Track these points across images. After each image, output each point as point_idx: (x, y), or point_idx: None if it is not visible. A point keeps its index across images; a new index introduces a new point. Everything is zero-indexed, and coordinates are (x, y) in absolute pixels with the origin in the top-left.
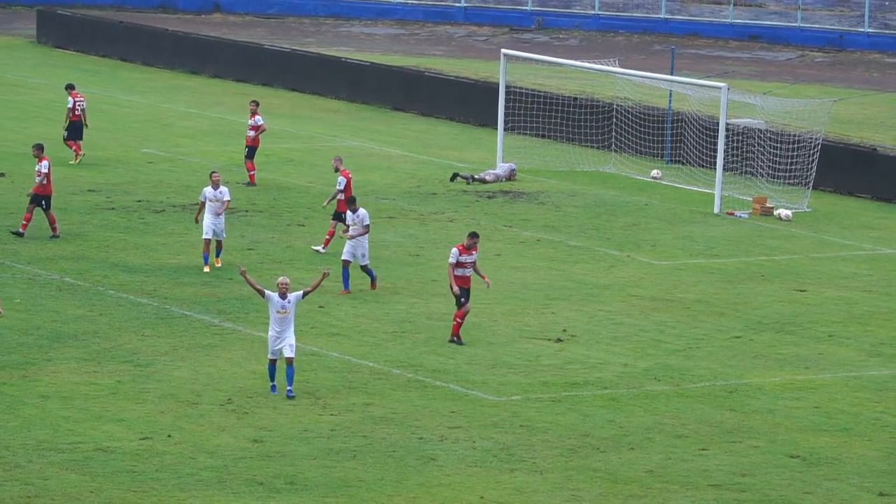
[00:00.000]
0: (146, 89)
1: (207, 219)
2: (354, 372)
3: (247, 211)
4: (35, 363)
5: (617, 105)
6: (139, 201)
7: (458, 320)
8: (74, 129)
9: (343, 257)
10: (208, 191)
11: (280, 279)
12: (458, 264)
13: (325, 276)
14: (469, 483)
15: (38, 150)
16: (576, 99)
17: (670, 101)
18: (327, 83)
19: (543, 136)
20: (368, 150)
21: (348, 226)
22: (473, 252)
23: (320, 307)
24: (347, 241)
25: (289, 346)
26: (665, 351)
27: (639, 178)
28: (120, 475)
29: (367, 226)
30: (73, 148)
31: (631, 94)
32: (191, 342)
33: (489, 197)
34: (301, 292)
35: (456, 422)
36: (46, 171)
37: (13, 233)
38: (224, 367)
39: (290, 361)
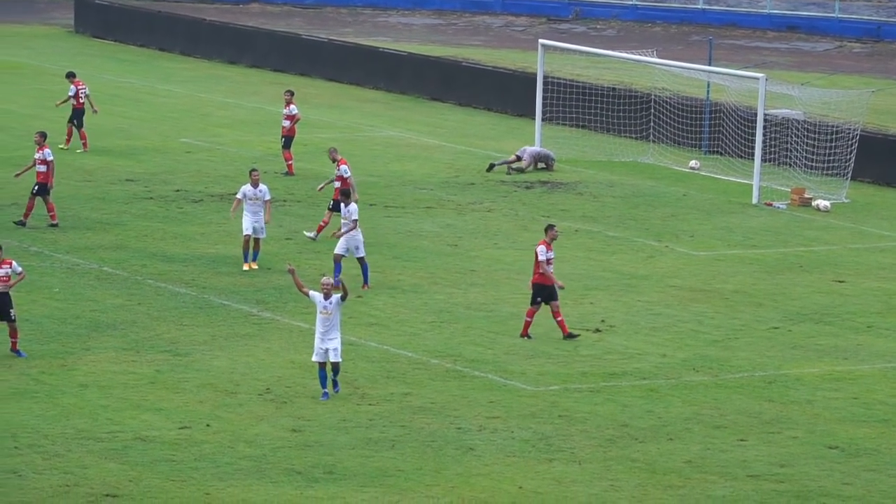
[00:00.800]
0: (184, 79)
1: (247, 218)
2: (393, 362)
3: (285, 201)
4: (74, 352)
5: (655, 95)
6: (177, 191)
7: (524, 318)
8: (77, 117)
9: (336, 251)
10: (248, 189)
11: (323, 279)
12: (548, 261)
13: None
14: (507, 473)
15: (41, 137)
16: (613, 89)
17: (708, 91)
18: (365, 73)
19: (581, 127)
20: (406, 140)
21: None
22: None
23: (358, 297)
24: (342, 237)
25: (333, 351)
26: (703, 341)
27: (677, 168)
28: (159, 464)
29: (355, 221)
30: (78, 135)
31: (669, 85)
32: (229, 332)
33: (527, 187)
34: (340, 296)
35: (494, 412)
36: (52, 158)
37: (50, 225)
38: (262, 356)
39: (335, 366)
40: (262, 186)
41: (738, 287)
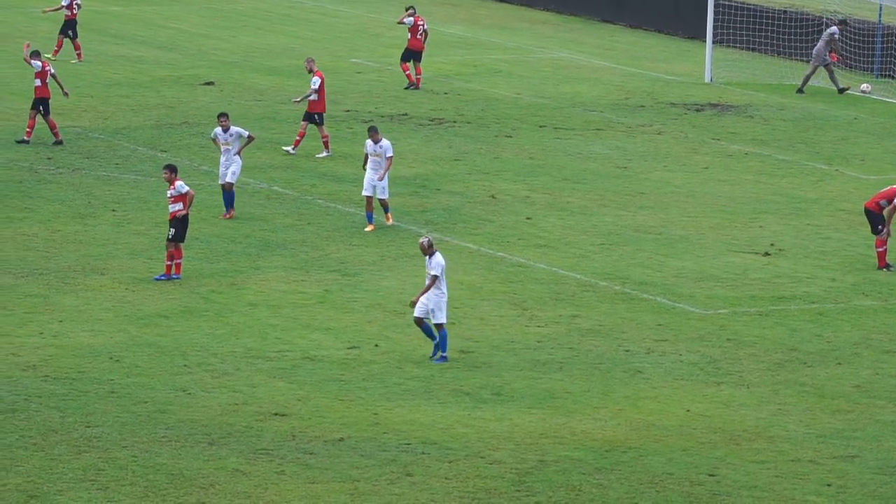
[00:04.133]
0: None
1: (368, 174)
2: (561, 283)
3: (454, 122)
4: (243, 271)
5: (826, 18)
6: (347, 111)
7: (880, 248)
8: (71, 27)
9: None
10: (368, 144)
11: (421, 239)
12: None
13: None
14: (675, 396)
15: (36, 56)
16: (785, 12)
17: (880, 14)
18: None
19: (752, 49)
20: (576, 62)
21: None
22: None
23: (528, 219)
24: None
25: (435, 311)
26: (873, 266)
27: (848, 91)
28: (327, 384)
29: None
30: (72, 45)
31: (840, 8)
32: (398, 252)
33: (697, 110)
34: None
35: (662, 335)
36: (50, 71)
37: (18, 142)
38: None
39: (438, 326)
40: (383, 142)
41: None
